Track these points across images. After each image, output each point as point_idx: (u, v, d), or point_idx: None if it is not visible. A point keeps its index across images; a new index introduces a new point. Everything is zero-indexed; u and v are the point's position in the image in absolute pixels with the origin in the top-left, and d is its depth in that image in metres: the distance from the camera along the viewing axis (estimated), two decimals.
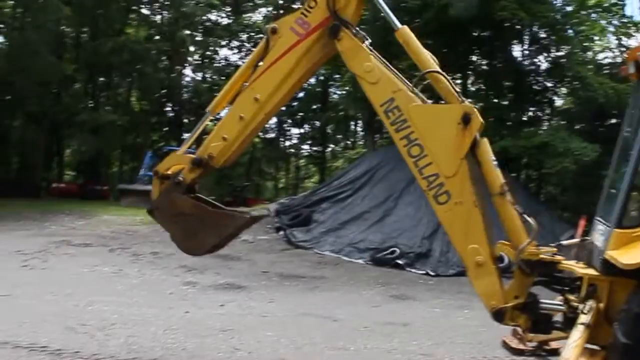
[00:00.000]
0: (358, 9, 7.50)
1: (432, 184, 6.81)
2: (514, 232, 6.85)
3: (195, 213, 7.69)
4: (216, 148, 7.61)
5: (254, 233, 22.91)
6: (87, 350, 8.23)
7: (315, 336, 10.06)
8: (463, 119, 6.67)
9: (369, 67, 7.14)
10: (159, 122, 57.84)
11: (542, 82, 35.89)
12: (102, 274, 15.31)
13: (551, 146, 26.20)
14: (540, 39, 33.88)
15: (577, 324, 6.62)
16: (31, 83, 38.44)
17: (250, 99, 7.55)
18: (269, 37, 7.60)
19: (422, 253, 19.63)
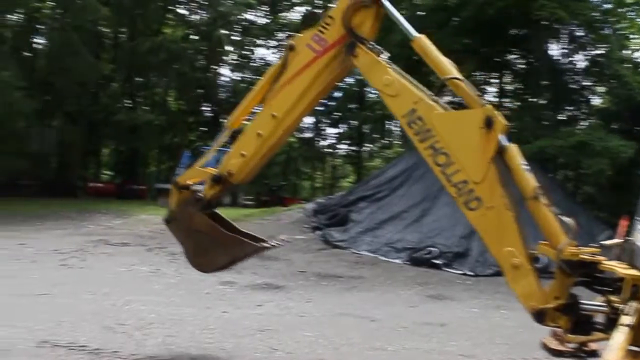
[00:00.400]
0: (374, 25, 7.50)
1: (462, 190, 6.75)
2: (552, 234, 6.73)
3: (210, 232, 7.89)
4: (235, 165, 7.76)
5: (291, 232, 22.95)
6: (125, 349, 8.23)
7: (353, 336, 9.98)
8: (486, 122, 6.61)
9: (387, 81, 7.14)
10: (196, 121, 58.16)
11: (579, 81, 35.49)
12: (140, 273, 15.41)
13: (589, 145, 25.87)
14: (578, 38, 33.50)
15: (620, 325, 6.52)
16: (70, 83, 38.96)
17: (267, 116, 7.69)
18: (287, 53, 7.74)
19: (459, 253, 19.50)
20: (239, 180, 7.92)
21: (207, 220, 7.91)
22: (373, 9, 7.38)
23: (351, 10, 7.33)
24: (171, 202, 8.30)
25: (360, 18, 7.35)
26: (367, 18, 7.38)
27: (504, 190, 6.61)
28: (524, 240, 6.66)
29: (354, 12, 7.34)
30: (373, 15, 7.41)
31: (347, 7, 7.33)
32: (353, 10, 7.33)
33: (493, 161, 6.61)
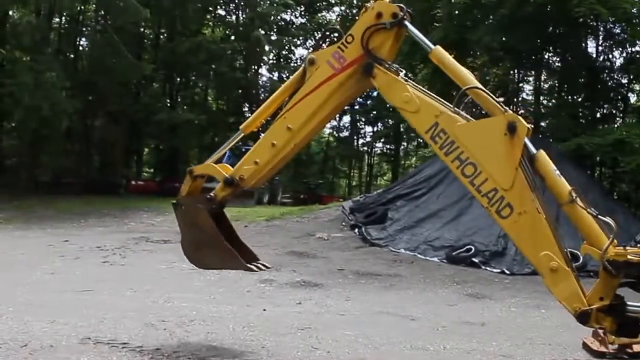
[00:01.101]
0: (394, 46, 7.50)
1: (493, 199, 6.69)
2: (592, 235, 6.58)
3: (209, 234, 8.12)
4: (248, 171, 7.90)
5: (329, 231, 22.96)
6: (167, 347, 8.18)
7: (393, 335, 9.85)
8: (509, 128, 6.52)
9: (407, 98, 7.12)
10: (237, 121, 58.36)
11: (616, 78, 34.98)
12: (180, 270, 15.37)
13: (627, 143, 25.45)
14: (616, 34, 33.00)
15: None
16: (112, 83, 39.43)
17: (283, 127, 7.73)
18: (307, 67, 7.75)
19: (497, 251, 19.24)
20: (249, 186, 8.14)
21: (211, 223, 8.09)
22: (393, 31, 7.36)
23: (370, 31, 7.34)
24: (183, 188, 8.49)
25: (379, 40, 7.36)
26: (387, 40, 7.38)
27: (534, 194, 6.52)
28: (559, 242, 6.56)
29: (373, 33, 7.35)
30: (393, 37, 7.41)
31: (367, 28, 7.34)
32: (372, 31, 7.34)
33: (520, 166, 6.53)
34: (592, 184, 26.21)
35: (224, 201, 8.28)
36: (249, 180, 7.96)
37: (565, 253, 6.62)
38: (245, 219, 26.93)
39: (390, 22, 7.25)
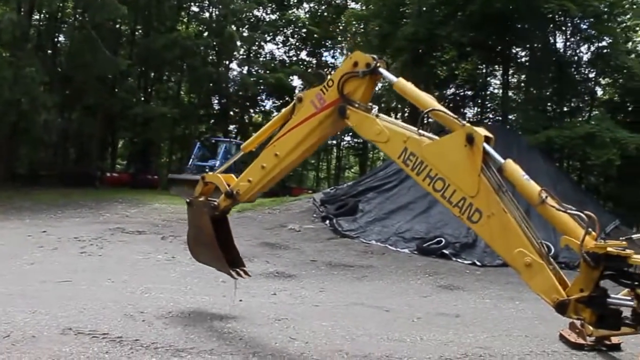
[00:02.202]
0: (368, 90, 7.99)
1: (463, 208, 6.89)
2: (568, 230, 6.57)
3: (206, 235, 9.29)
4: (243, 187, 8.90)
5: (300, 222, 22.76)
6: (146, 338, 7.95)
7: (370, 327, 9.68)
8: (467, 140, 6.78)
9: (377, 130, 7.58)
10: (207, 114, 58.11)
11: (584, 72, 35.20)
12: (156, 261, 15.19)
13: (597, 137, 25.58)
14: (583, 30, 33.17)
15: None
16: (90, 78, 39.16)
17: (272, 153, 8.62)
18: (296, 103, 8.57)
19: (467, 243, 19.20)
20: (244, 200, 9.19)
21: (210, 227, 9.18)
22: (366, 78, 7.88)
23: (345, 78, 7.92)
24: (196, 190, 9.60)
25: (353, 86, 7.91)
26: (361, 86, 7.91)
27: (499, 195, 6.68)
28: (531, 237, 6.62)
29: (348, 80, 7.92)
30: (366, 83, 7.92)
31: (342, 75, 7.94)
32: (347, 78, 7.92)
33: (482, 172, 6.73)
34: (561, 176, 26.35)
35: (226, 210, 9.29)
36: (244, 195, 8.95)
37: (539, 245, 6.65)
38: None
39: (363, 71, 7.82)
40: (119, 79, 45.92)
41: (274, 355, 7.69)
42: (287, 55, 62.17)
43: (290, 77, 57.59)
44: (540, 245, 6.67)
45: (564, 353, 8.83)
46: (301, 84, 60.77)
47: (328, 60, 64.23)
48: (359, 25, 48.50)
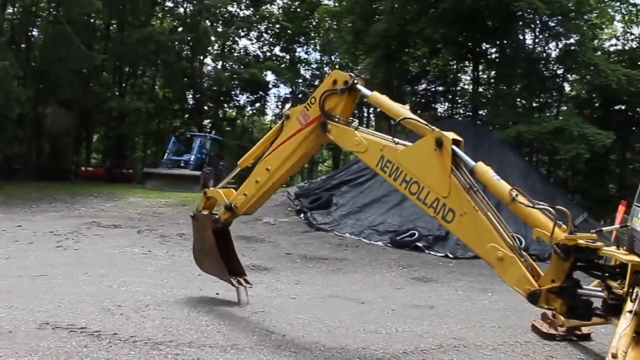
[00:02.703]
0: (347, 106, 8.57)
1: (437, 208, 7.21)
2: (540, 224, 6.77)
3: (209, 246, 10.08)
4: (240, 200, 9.55)
5: (275, 215, 22.70)
6: (124, 331, 7.90)
7: (346, 319, 9.69)
8: (437, 143, 7.15)
9: (356, 141, 8.09)
10: (181, 109, 57.76)
11: (552, 69, 35.49)
12: (133, 255, 15.06)
13: (566, 132, 25.82)
14: (551, 27, 33.42)
15: (625, 312, 6.32)
16: (64, 72, 38.69)
17: (263, 168, 9.30)
18: (284, 120, 9.16)
19: (440, 236, 19.20)
20: (242, 212, 9.74)
21: (212, 239, 9.94)
22: (345, 95, 8.46)
23: (325, 95, 8.50)
24: (199, 205, 10.42)
25: (334, 102, 8.49)
26: (340, 102, 8.48)
27: (470, 194, 6.96)
28: (502, 232, 6.89)
29: (328, 97, 8.50)
30: (345, 99, 8.50)
31: (323, 93, 8.51)
32: (327, 95, 8.50)
33: (452, 173, 7.05)
34: (531, 170, 26.56)
35: (227, 222, 9.98)
36: (241, 207, 9.59)
37: (510, 240, 6.84)
38: (193, 203, 26.31)
39: (341, 89, 8.42)
40: (93, 73, 45.42)
41: (252, 348, 7.68)
42: (261, 51, 61.93)
43: (264, 72, 57.36)
44: (512, 239, 6.83)
45: (537, 343, 8.91)
46: (275, 79, 60.71)
47: (301, 55, 64.20)
48: (332, 22, 48.43)
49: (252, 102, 61.70)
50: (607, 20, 38.66)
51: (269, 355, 7.45)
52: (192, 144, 41.58)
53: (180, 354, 7.24)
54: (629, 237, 7.48)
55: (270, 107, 67.79)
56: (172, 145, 40.72)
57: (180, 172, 37.77)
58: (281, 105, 65.44)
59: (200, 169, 38.63)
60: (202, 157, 40.50)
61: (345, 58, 43.36)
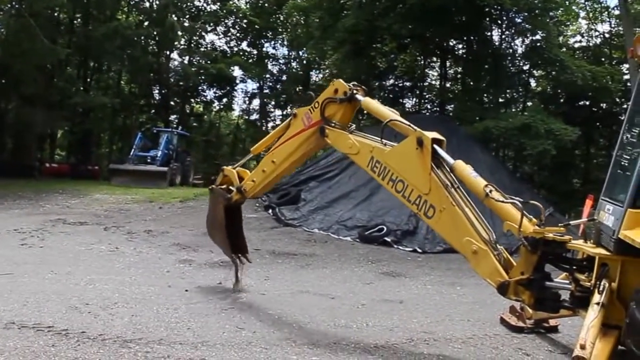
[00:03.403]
0: (346, 114, 9.26)
1: (419, 205, 7.71)
2: (512, 219, 7.05)
3: (219, 221, 11.00)
4: (249, 185, 10.45)
5: (243, 211, 22.48)
6: (92, 330, 7.83)
7: (316, 314, 9.70)
8: (418, 143, 7.70)
9: (350, 144, 8.80)
10: (148, 104, 57.22)
11: (518, 65, 35.85)
12: (99, 252, 14.83)
13: (533, 128, 26.11)
14: (517, 24, 33.75)
15: (592, 304, 6.45)
16: (28, 67, 38.02)
17: (270, 160, 10.15)
18: (292, 118, 9.91)
19: (408, 230, 19.30)
20: (250, 196, 10.78)
21: (222, 214, 10.83)
22: (344, 104, 9.14)
23: (325, 103, 9.24)
24: (217, 180, 11.29)
25: (333, 109, 9.22)
26: (339, 110, 9.18)
27: (449, 191, 7.42)
28: (477, 227, 7.23)
29: (328, 104, 9.23)
30: (344, 107, 9.17)
31: (324, 100, 9.24)
32: (327, 103, 9.24)
33: (433, 171, 7.55)
34: (498, 165, 26.75)
35: (238, 202, 10.90)
36: (249, 192, 10.55)
37: (487, 234, 7.20)
38: (160, 200, 26.40)
39: (340, 98, 9.11)
40: (57, 68, 44.73)
41: (222, 345, 7.66)
42: (228, 46, 61.56)
43: (232, 67, 57.05)
44: (488, 234, 7.14)
45: (505, 336, 9.02)
46: (242, 74, 60.39)
47: (269, 51, 63.99)
48: (300, 17, 48.33)
49: (219, 98, 61.27)
50: (572, 17, 39.19)
51: (239, 352, 7.44)
52: (158, 140, 41.25)
53: (150, 351, 7.21)
54: (596, 230, 7.59)
55: (238, 103, 67.49)
56: (138, 141, 40.34)
57: (147, 168, 37.49)
58: (248, 100, 65.27)
59: (168, 165, 38.38)
60: (169, 153, 40.23)
61: (313, 53, 43.27)
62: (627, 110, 8.32)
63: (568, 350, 8.48)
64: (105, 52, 45.68)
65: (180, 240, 16.92)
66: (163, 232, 18.20)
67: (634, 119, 7.98)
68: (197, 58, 56.87)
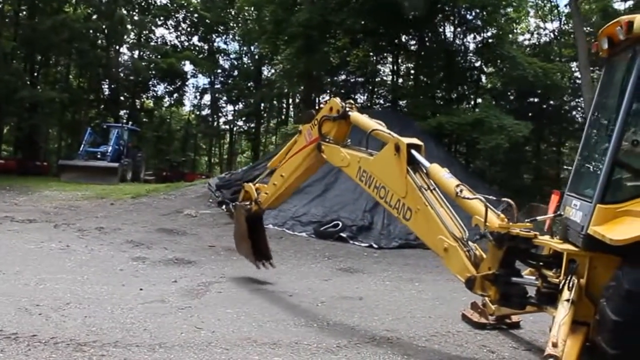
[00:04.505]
0: (341, 130, 9.62)
1: (399, 208, 7.96)
2: (479, 214, 7.11)
3: (241, 230, 11.74)
4: (263, 197, 11.08)
5: (197, 207, 22.28)
6: (44, 333, 7.48)
7: (276, 312, 9.51)
8: (395, 149, 8.00)
9: (341, 157, 9.16)
10: (97, 99, 56.33)
11: (470, 61, 36.16)
12: (50, 250, 14.30)
13: (486, 123, 26.31)
14: (469, 21, 34.02)
15: (562, 300, 6.42)
16: None
17: (279, 174, 10.64)
18: (298, 135, 10.40)
19: (364, 226, 19.21)
20: (265, 208, 11.35)
21: (244, 224, 11.59)
22: (338, 121, 9.54)
23: (322, 120, 9.69)
24: (240, 196, 12.02)
25: (329, 127, 9.67)
26: (334, 127, 9.61)
27: (422, 192, 7.63)
28: (449, 225, 7.39)
29: (324, 122, 9.68)
30: (337, 125, 9.58)
31: (321, 118, 9.71)
32: (323, 121, 9.69)
33: (408, 174, 7.78)
34: (452, 160, 26.79)
35: (257, 213, 11.53)
36: (264, 203, 11.13)
37: (459, 231, 7.37)
38: (111, 196, 25.87)
39: (334, 117, 9.58)
40: (2, 61, 43.65)
41: (181, 346, 7.42)
42: (178, 40, 61.01)
43: (182, 62, 56.48)
44: (461, 232, 7.35)
45: (468, 333, 8.96)
46: (193, 69, 59.87)
47: (220, 45, 63.53)
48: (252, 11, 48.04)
49: (170, 93, 60.79)
50: (522, 15, 39.72)
51: (199, 353, 7.20)
52: (109, 135, 40.77)
53: (106, 355, 6.92)
54: (562, 226, 7.56)
55: (189, 98, 67.09)
56: (88, 136, 39.69)
57: (98, 164, 36.94)
58: (200, 95, 64.79)
59: (118, 160, 37.85)
60: (119, 149, 39.73)
61: (266, 48, 42.98)
62: (591, 105, 8.32)
63: (532, 346, 8.53)
64: (52, 45, 44.86)
65: (133, 238, 16.45)
66: (115, 229, 17.74)
67: (598, 114, 8.00)
68: (147, 52, 56.16)
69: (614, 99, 7.52)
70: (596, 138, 7.98)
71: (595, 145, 7.94)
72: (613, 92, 7.67)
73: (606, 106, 7.91)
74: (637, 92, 6.80)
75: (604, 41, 7.40)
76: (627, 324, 6.00)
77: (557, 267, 7.11)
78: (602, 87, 7.99)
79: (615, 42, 7.26)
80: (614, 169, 6.82)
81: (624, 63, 7.31)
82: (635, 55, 6.84)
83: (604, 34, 7.44)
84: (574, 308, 6.29)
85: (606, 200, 6.69)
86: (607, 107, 7.88)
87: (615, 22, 7.07)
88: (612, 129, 6.92)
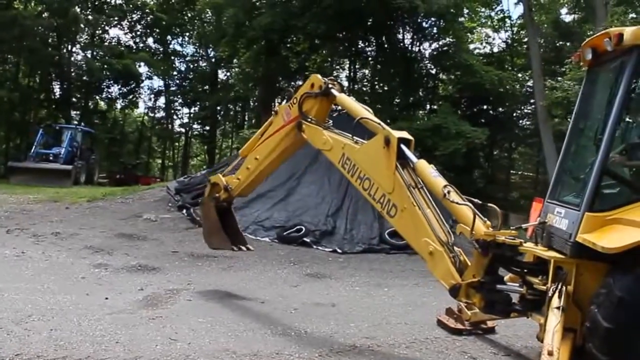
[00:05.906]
0: (322, 109, 9.39)
1: (383, 204, 7.74)
2: (464, 219, 7.04)
3: (211, 221, 11.43)
4: (234, 184, 10.76)
5: (156, 212, 21.84)
6: (7, 349, 7.09)
7: (250, 321, 9.27)
8: (385, 142, 7.72)
9: (324, 140, 8.88)
10: (47, 99, 55.29)
11: (428, 68, 36.68)
12: (4, 257, 13.66)
13: (444, 129, 26.71)
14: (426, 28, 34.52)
15: (552, 308, 6.45)
16: None
17: (253, 157, 10.34)
18: (273, 116, 10.06)
19: (327, 231, 19.03)
20: (236, 195, 11.02)
21: (214, 213, 11.26)
22: (319, 98, 9.28)
23: (303, 98, 9.40)
24: (205, 191, 11.55)
25: (310, 104, 9.37)
26: (316, 104, 9.32)
27: (410, 191, 7.44)
28: (436, 228, 7.25)
29: (305, 99, 9.39)
30: (321, 102, 9.30)
31: (301, 95, 9.41)
32: (304, 98, 9.40)
33: (397, 170, 7.56)
34: None
35: (226, 201, 11.20)
36: (235, 190, 10.82)
37: (445, 234, 7.24)
38: (65, 199, 25.19)
39: (316, 93, 9.29)
40: None
41: None
42: (133, 41, 60.25)
43: (137, 63, 55.71)
44: (447, 236, 7.19)
45: (446, 339, 8.93)
46: (148, 71, 59.19)
47: (176, 48, 62.94)
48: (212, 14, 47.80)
49: (124, 94, 59.94)
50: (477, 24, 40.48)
51: None
52: (61, 137, 39.94)
53: None
54: (547, 233, 7.57)
55: (143, 100, 66.34)
56: (40, 137, 38.86)
57: (50, 166, 36.16)
58: (154, 98, 64.05)
59: (72, 162, 37.12)
60: (73, 151, 39.01)
61: (225, 51, 42.79)
62: (572, 113, 8.40)
63: (511, 351, 8.56)
64: (1, 42, 43.80)
65: (92, 243, 15.95)
66: (72, 234, 17.22)
67: (580, 124, 8.15)
68: (100, 53, 55.29)
69: (599, 108, 7.64)
70: (580, 147, 8.07)
71: (579, 154, 8.06)
72: (598, 102, 7.81)
73: (590, 116, 8.02)
74: (626, 102, 6.90)
75: (588, 52, 7.49)
76: (618, 331, 6.05)
77: (542, 274, 7.15)
78: (583, 97, 8.03)
79: (600, 53, 7.35)
80: (602, 178, 6.86)
81: (610, 74, 7.48)
82: (623, 66, 6.93)
83: (588, 45, 7.54)
84: (565, 315, 6.31)
85: (595, 208, 6.74)
86: (591, 116, 7.99)
87: (603, 33, 7.21)
88: (600, 138, 6.99)
